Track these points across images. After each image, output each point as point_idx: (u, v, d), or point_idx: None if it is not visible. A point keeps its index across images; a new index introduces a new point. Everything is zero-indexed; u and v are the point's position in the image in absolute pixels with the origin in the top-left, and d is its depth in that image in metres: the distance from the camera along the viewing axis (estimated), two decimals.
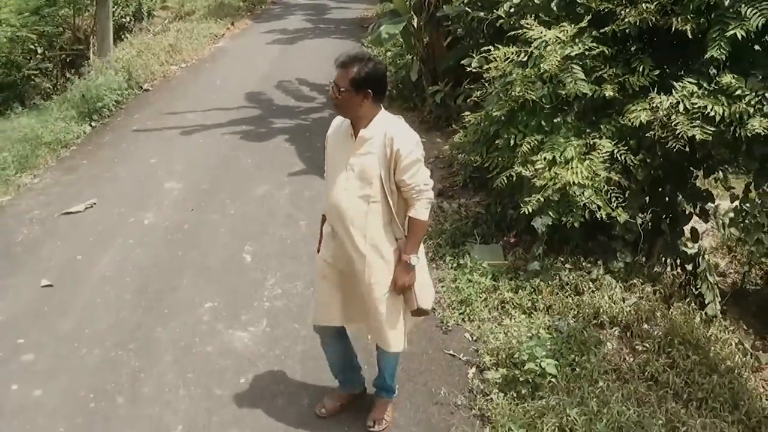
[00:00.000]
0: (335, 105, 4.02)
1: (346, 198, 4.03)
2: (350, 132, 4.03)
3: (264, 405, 4.84)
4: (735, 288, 8.31)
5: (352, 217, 4.03)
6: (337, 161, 4.08)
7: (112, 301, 6.43)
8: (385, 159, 3.93)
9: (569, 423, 4.40)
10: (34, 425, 4.99)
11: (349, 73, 3.88)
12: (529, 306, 5.82)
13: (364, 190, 4.01)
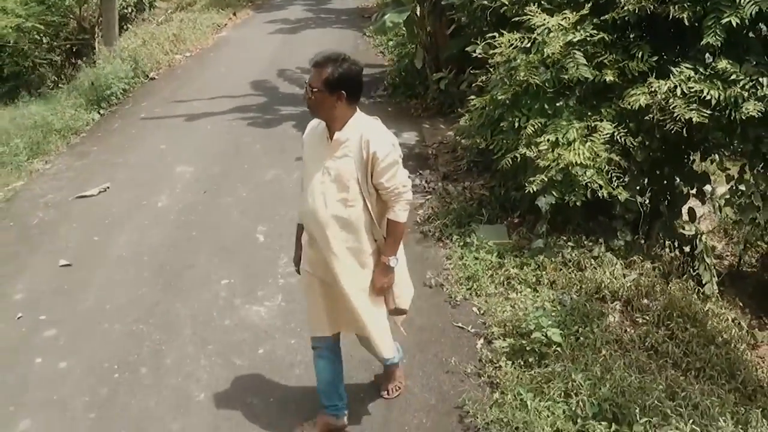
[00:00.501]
0: (308, 106, 3.89)
1: (322, 202, 3.91)
2: (326, 134, 3.90)
3: (282, 374, 5.05)
4: (731, 270, 8.55)
5: (330, 222, 3.91)
6: (313, 165, 3.96)
7: (130, 279, 6.65)
8: (362, 162, 3.83)
9: (575, 387, 4.62)
10: (60, 395, 5.20)
11: (322, 73, 3.76)
12: (533, 281, 6.03)
13: (341, 194, 3.89)
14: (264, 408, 4.91)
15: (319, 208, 3.91)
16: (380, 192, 3.92)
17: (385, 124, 4.06)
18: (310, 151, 4.05)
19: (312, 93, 3.78)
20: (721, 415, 4.41)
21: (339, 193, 3.89)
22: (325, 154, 3.90)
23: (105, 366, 5.46)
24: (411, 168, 8.66)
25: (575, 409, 4.43)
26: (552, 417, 4.39)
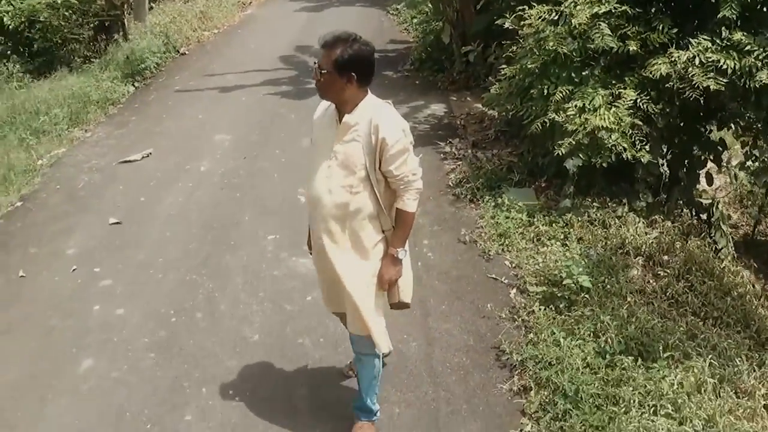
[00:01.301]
0: (317, 88, 3.70)
1: (327, 187, 3.73)
2: (335, 117, 3.73)
3: (331, 318, 5.39)
4: (746, 238, 8.91)
5: (332, 208, 3.75)
6: (321, 148, 3.77)
7: (180, 235, 7.06)
8: (371, 147, 3.64)
9: (603, 328, 5.02)
10: (120, 337, 5.62)
11: (332, 54, 3.57)
12: (562, 237, 6.40)
13: (347, 180, 3.70)
14: (314, 347, 5.31)
15: (323, 194, 3.73)
16: (389, 180, 3.73)
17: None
18: (319, 133, 3.85)
19: (321, 75, 3.60)
20: (737, 356, 4.79)
21: (345, 179, 3.69)
22: (333, 137, 3.71)
23: (162, 312, 5.85)
24: (440, 137, 9.06)
25: (604, 346, 4.83)
26: (582, 353, 4.78)
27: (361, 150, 3.66)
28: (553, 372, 4.64)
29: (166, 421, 4.68)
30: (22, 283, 6.45)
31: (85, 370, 5.25)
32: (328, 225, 3.79)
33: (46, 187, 8.45)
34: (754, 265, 7.37)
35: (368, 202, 3.74)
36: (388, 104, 3.80)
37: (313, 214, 3.88)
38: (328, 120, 3.80)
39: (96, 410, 4.82)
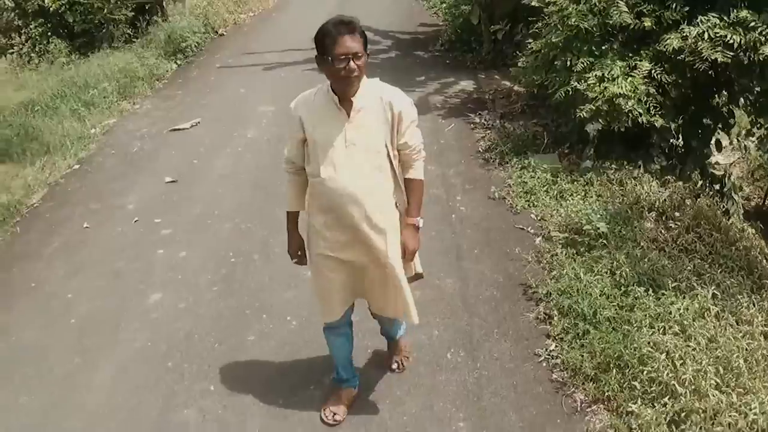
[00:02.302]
0: (355, 78, 3.50)
1: (354, 176, 3.63)
2: (333, 105, 3.59)
3: None
4: (757, 208, 9.47)
5: (367, 195, 3.67)
6: (331, 140, 3.61)
7: (232, 192, 7.72)
8: (387, 124, 3.64)
9: (618, 266, 5.62)
10: (184, 275, 6.28)
11: (360, 36, 3.49)
12: (582, 194, 6.96)
13: (375, 161, 3.68)
14: None
15: (351, 183, 3.62)
16: (402, 152, 3.76)
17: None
18: (321, 128, 3.63)
19: (361, 61, 3.48)
20: (739, 294, 5.36)
21: (371, 161, 3.66)
22: (343, 126, 3.60)
23: (221, 254, 6.51)
24: (470, 110, 9.68)
25: (619, 280, 5.43)
26: (600, 285, 5.38)
27: (378, 129, 3.63)
28: (573, 301, 5.22)
29: (232, 341, 5.31)
30: (87, 233, 7.12)
31: (153, 303, 5.89)
32: (366, 212, 3.68)
33: (101, 152, 9.12)
34: (761, 226, 7.88)
35: (390, 179, 3.76)
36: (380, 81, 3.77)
37: (340, 208, 3.69)
38: (325, 111, 3.62)
39: (166, 334, 5.47)
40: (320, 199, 3.77)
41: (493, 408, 4.55)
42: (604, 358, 4.72)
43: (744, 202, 9.07)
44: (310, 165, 3.75)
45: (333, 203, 3.70)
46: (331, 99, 3.60)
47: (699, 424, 4.13)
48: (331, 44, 3.42)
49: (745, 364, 4.51)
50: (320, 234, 3.84)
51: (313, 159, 3.70)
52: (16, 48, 13.53)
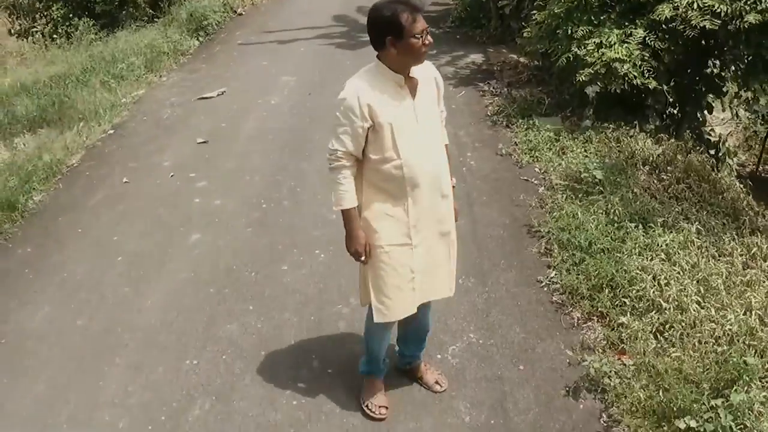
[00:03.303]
0: (425, 52, 3.60)
1: (431, 151, 3.74)
2: (395, 85, 3.62)
3: None
4: (752, 174, 10.10)
5: (442, 167, 3.80)
6: (404, 120, 3.62)
7: (261, 150, 8.36)
8: (436, 96, 3.83)
9: (612, 207, 6.25)
10: (220, 219, 6.92)
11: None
12: (582, 150, 7.63)
13: (437, 133, 3.82)
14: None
15: (430, 159, 3.72)
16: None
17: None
18: (392, 109, 3.60)
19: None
20: (722, 232, 6.00)
21: (437, 134, 3.80)
22: (410, 104, 3.66)
23: (254, 201, 7.15)
24: (479, 79, 10.35)
25: (612, 218, 6.07)
26: (596, 222, 6.03)
27: (433, 101, 3.77)
28: (571, 235, 5.87)
29: (267, 271, 5.97)
30: (126, 187, 7.73)
31: (194, 241, 6.53)
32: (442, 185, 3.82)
33: (134, 118, 9.76)
34: (750, 183, 8.48)
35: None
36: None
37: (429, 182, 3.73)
38: (393, 93, 3.62)
39: (208, 266, 6.11)
40: (397, 183, 3.67)
41: (500, 323, 5.19)
42: (598, 280, 5.34)
43: (739, 168, 9.70)
44: (382, 151, 3.62)
45: (415, 181, 3.65)
46: (391, 79, 3.59)
47: (680, 333, 4.74)
48: (411, 23, 3.45)
49: (723, 285, 5.14)
50: (398, 223, 3.74)
51: (387, 144, 3.59)
52: (39, 28, 14.11)
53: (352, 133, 3.62)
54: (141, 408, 4.59)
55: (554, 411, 4.45)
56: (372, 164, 3.68)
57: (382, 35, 3.52)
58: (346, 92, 3.61)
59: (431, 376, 4.55)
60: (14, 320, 5.57)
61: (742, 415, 3.98)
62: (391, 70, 3.58)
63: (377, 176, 3.70)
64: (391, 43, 3.51)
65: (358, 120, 3.57)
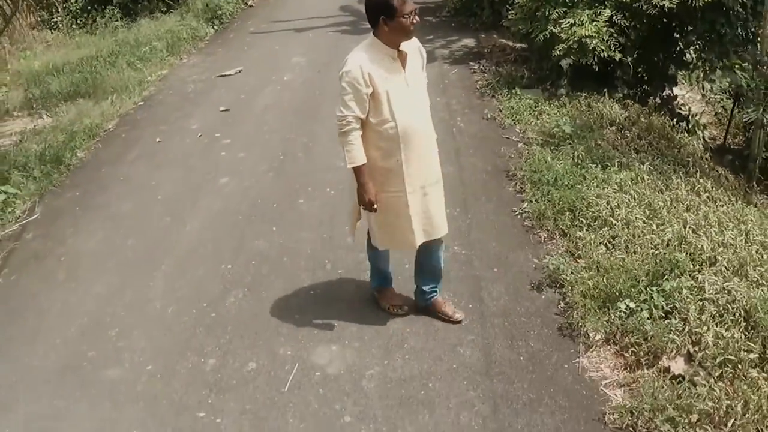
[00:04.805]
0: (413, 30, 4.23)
1: (420, 112, 4.41)
2: (388, 57, 4.23)
3: None
4: (721, 146, 11.17)
5: (429, 124, 4.50)
6: (398, 89, 4.24)
7: (278, 115, 9.49)
8: (422, 66, 4.46)
9: (578, 155, 7.38)
10: (244, 167, 8.01)
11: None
12: (557, 113, 8.74)
13: (425, 97, 4.48)
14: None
15: (419, 118, 4.38)
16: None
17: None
18: (387, 78, 4.21)
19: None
20: (673, 174, 7.12)
21: (424, 98, 4.46)
22: (401, 73, 4.26)
23: (272, 154, 8.27)
24: (471, 59, 11.45)
25: (577, 161, 7.21)
26: (562, 165, 7.15)
27: (420, 70, 4.42)
28: (542, 175, 6.99)
29: (286, 203, 7.09)
30: (159, 145, 8.85)
31: (223, 183, 7.65)
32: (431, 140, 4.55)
33: (161, 92, 10.88)
34: (710, 146, 9.61)
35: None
36: None
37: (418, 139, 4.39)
38: (388, 64, 4.23)
39: (236, 201, 7.23)
40: (391, 141, 4.29)
41: (479, 240, 6.31)
42: (561, 206, 6.45)
43: (710, 141, 10.77)
44: (379, 114, 4.23)
45: (406, 139, 4.28)
46: (386, 54, 4.22)
47: (625, 242, 5.87)
48: (401, 4, 4.03)
49: (665, 209, 6.21)
50: (393, 172, 4.38)
51: (384, 108, 4.21)
52: (58, 20, 15.18)
53: (357, 99, 4.18)
54: (185, 299, 5.70)
55: (521, 299, 5.54)
56: (371, 126, 4.27)
57: (377, 15, 4.12)
58: (349, 65, 4.19)
59: (449, 308, 5.15)
60: (71, 244, 6.67)
61: (672, 297, 5.05)
62: (385, 45, 4.19)
63: (376, 136, 4.29)
64: (383, 22, 4.11)
65: (363, 87, 4.13)
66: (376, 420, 4.45)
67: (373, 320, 5.32)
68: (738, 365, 4.42)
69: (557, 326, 5.24)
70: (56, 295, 5.87)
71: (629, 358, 4.80)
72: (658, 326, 4.80)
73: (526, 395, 4.61)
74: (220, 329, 5.33)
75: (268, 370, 4.91)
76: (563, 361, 4.90)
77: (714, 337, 4.61)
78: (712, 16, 8.39)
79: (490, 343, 5.07)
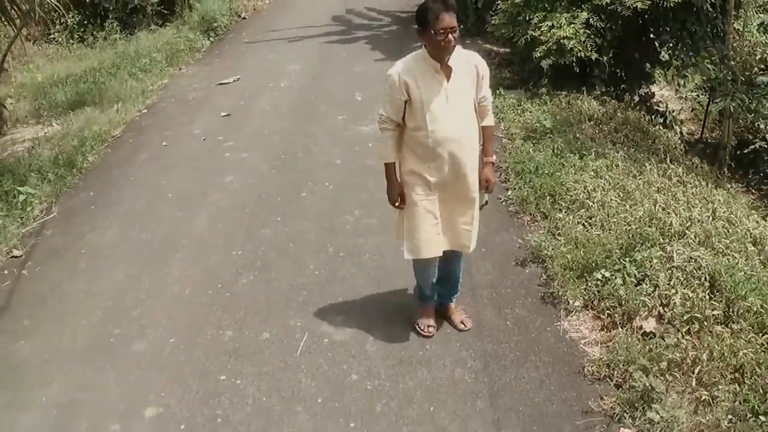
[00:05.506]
0: (453, 48, 4.21)
1: (461, 125, 4.35)
2: (432, 69, 4.25)
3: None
4: (699, 140, 11.74)
5: (468, 139, 4.41)
6: (436, 98, 4.26)
7: (276, 118, 10.02)
8: (474, 82, 4.37)
9: (558, 147, 7.92)
10: (248, 166, 8.53)
11: (454, 12, 4.11)
12: (538, 110, 9.28)
13: (470, 113, 4.40)
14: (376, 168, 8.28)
15: (460, 130, 4.33)
16: (480, 104, 4.52)
17: None
18: (426, 89, 4.26)
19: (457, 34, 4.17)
20: (647, 161, 7.70)
21: (469, 113, 4.40)
22: (444, 86, 4.26)
23: (274, 153, 8.80)
24: None
25: (556, 152, 7.76)
26: (543, 156, 7.70)
27: (469, 87, 4.37)
28: (524, 165, 7.56)
29: (289, 197, 7.61)
30: (166, 149, 9.35)
31: (228, 180, 8.17)
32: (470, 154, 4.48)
33: (163, 100, 11.39)
34: (681, 132, 10.20)
35: (477, 126, 4.51)
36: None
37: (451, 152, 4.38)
38: (430, 75, 4.28)
39: (242, 196, 7.76)
40: (424, 149, 4.38)
41: None
42: (542, 192, 7.01)
43: (688, 136, 11.36)
44: (415, 121, 4.32)
45: (439, 150, 4.33)
46: (430, 65, 4.25)
47: (601, 221, 6.42)
48: (433, 20, 4.04)
49: (638, 192, 6.77)
50: (422, 178, 4.46)
51: (419, 116, 4.29)
52: (55, 35, 15.65)
53: (392, 103, 4.36)
54: (201, 282, 6.23)
55: (507, 274, 6.10)
56: (408, 130, 4.41)
57: (417, 24, 4.25)
58: (392, 70, 4.34)
59: (458, 316, 5.29)
60: (88, 238, 7.16)
61: (643, 266, 5.61)
62: (430, 56, 4.24)
63: (411, 141, 4.42)
64: (419, 34, 4.25)
65: (397, 93, 4.28)
66: (380, 377, 4.99)
67: (374, 295, 5.90)
68: (704, 322, 4.99)
69: (540, 295, 5.80)
70: (79, 284, 6.35)
71: (605, 320, 5.35)
72: (631, 291, 5.37)
73: (513, 353, 5.16)
74: (234, 306, 5.85)
75: (281, 338, 5.44)
76: (546, 325, 5.46)
77: (682, 298, 5.17)
78: (683, 15, 8.96)
79: (480, 311, 5.61)
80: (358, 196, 7.47)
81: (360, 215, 7.07)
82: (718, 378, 4.56)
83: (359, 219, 7.06)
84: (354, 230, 6.81)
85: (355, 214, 7.15)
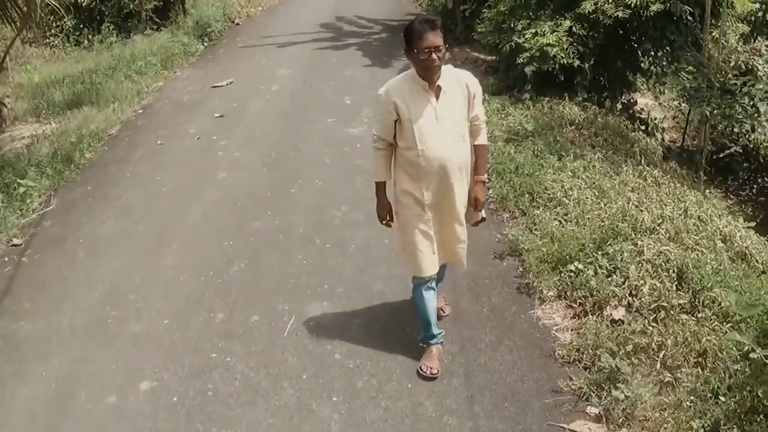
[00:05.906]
0: (437, 67, 4.12)
1: (449, 145, 4.27)
2: (420, 89, 4.20)
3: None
4: (681, 147, 12.07)
5: (458, 159, 4.34)
6: (425, 117, 4.21)
7: (268, 121, 10.33)
8: (465, 101, 4.29)
9: (538, 148, 8.24)
10: (241, 164, 8.81)
11: (440, 31, 4.06)
12: (521, 114, 9.63)
13: (461, 132, 4.31)
14: (363, 167, 8.63)
15: (449, 149, 4.27)
16: (472, 123, 4.46)
17: None
18: (415, 109, 4.21)
19: (443, 53, 4.08)
20: (624, 163, 8.02)
21: (459, 131, 4.31)
22: (431, 105, 4.21)
23: (265, 152, 9.10)
24: None
25: (537, 153, 8.10)
26: (524, 157, 8.02)
27: (461, 105, 4.30)
28: (505, 166, 7.87)
29: (280, 192, 7.92)
30: (161, 147, 9.64)
31: (221, 178, 8.46)
32: (460, 174, 4.42)
33: (158, 102, 11.70)
34: (660, 137, 10.55)
35: (469, 145, 4.46)
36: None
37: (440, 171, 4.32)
38: (417, 94, 4.23)
39: (234, 192, 8.05)
40: (416, 168, 4.33)
41: None
42: (521, 190, 7.33)
43: (671, 143, 11.71)
44: (405, 140, 4.28)
45: (429, 169, 4.27)
46: (419, 85, 4.19)
47: (576, 217, 6.74)
48: (417, 39, 4.03)
49: (613, 191, 7.09)
50: (415, 198, 4.43)
51: (409, 135, 4.24)
52: (51, 39, 15.91)
53: (382, 123, 4.36)
54: (194, 269, 6.51)
55: (486, 266, 6.42)
56: (400, 150, 4.38)
57: (405, 45, 4.22)
58: (381, 90, 4.35)
59: (438, 303, 5.24)
60: (87, 229, 7.43)
61: (615, 259, 5.90)
62: (418, 76, 4.20)
63: (403, 160, 4.38)
64: (406, 53, 4.24)
65: (386, 114, 4.28)
66: (361, 356, 5.27)
67: (358, 283, 6.21)
68: (670, 311, 5.28)
69: (516, 286, 6.11)
70: (78, 270, 6.62)
71: (577, 309, 5.65)
72: (603, 282, 5.65)
73: (488, 338, 5.46)
74: (226, 292, 6.14)
75: (269, 321, 5.73)
76: (520, 312, 5.77)
77: (650, 288, 5.46)
78: (662, 24, 9.30)
79: (459, 299, 5.92)
80: (346, 193, 7.77)
81: (347, 210, 7.37)
82: (681, 362, 4.84)
83: (346, 214, 7.35)
84: (341, 224, 7.11)
85: (342, 209, 7.44)
